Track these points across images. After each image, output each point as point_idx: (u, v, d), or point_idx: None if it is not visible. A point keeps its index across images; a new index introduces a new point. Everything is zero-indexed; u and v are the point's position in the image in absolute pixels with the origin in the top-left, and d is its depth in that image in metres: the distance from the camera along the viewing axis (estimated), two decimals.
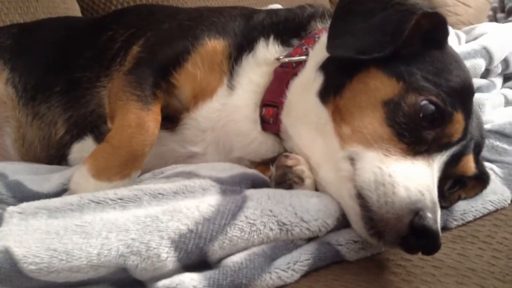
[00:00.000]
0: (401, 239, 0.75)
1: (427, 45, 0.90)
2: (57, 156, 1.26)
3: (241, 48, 1.07)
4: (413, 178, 0.78)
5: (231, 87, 1.05)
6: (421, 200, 0.75)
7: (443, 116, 0.84)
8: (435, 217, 0.75)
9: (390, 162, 0.81)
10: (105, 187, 0.93)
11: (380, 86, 0.87)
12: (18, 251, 0.67)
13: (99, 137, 1.18)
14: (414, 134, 0.83)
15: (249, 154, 1.05)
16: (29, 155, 1.30)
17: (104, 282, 0.70)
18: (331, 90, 0.92)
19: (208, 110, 1.06)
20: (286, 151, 1.02)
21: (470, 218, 0.95)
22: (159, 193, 0.79)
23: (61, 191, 1.05)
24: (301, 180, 0.88)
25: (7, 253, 0.67)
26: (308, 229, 0.79)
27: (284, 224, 0.78)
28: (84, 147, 1.20)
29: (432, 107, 0.83)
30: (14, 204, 1.00)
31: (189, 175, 0.93)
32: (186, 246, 0.72)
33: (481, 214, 0.96)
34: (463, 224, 0.94)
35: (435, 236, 0.73)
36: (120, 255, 0.69)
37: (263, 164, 1.06)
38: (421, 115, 0.83)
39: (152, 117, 0.97)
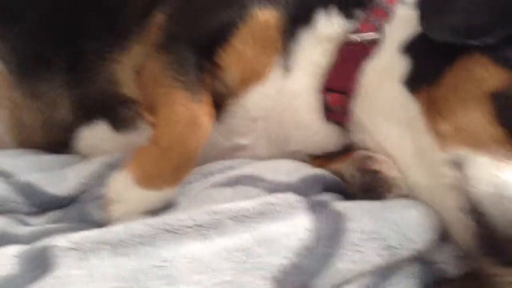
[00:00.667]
0: None
1: None
2: (60, 142, 1.07)
3: (298, 20, 0.90)
4: None
5: (287, 68, 0.89)
6: None
7: None
8: None
9: (509, 170, 0.69)
10: (153, 196, 0.78)
11: (488, 75, 0.74)
12: None
13: (118, 123, 1.01)
14: None
15: (308, 147, 0.92)
16: (27, 142, 1.11)
17: None
18: (423, 78, 0.78)
19: (259, 96, 0.90)
20: (350, 143, 0.89)
21: None
22: (243, 215, 0.65)
23: (81, 192, 0.89)
24: (395, 188, 0.76)
25: None
26: (417, 250, 0.68)
27: (393, 247, 0.66)
28: (96, 133, 1.03)
29: None
30: (30, 212, 0.85)
31: (254, 180, 0.78)
32: (291, 284, 0.59)
33: None
34: None
35: None
36: None
37: (322, 157, 0.93)
38: None
39: (205, 110, 0.80)
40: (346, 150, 0.89)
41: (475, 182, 0.70)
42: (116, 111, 1.01)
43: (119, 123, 1.01)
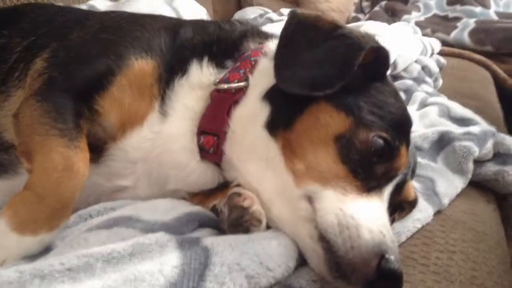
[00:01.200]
0: (367, 283, 0.76)
1: (370, 77, 0.92)
2: None
3: (172, 69, 0.98)
4: (373, 218, 0.80)
5: (163, 113, 0.96)
6: (384, 241, 0.77)
7: (392, 150, 0.86)
8: (397, 257, 0.77)
9: (349, 201, 0.81)
10: (30, 242, 0.79)
11: (331, 121, 0.86)
12: None
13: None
14: (367, 170, 0.85)
15: (187, 186, 0.98)
16: None
17: None
18: (280, 123, 0.89)
19: (138, 140, 0.96)
20: (226, 180, 0.98)
21: (404, 239, 1.01)
22: (113, 257, 0.69)
23: None
24: (259, 222, 0.85)
25: None
26: (274, 277, 0.77)
27: (252, 277, 0.74)
28: None
29: (381, 142, 0.85)
30: None
31: (131, 221, 0.83)
32: None
33: (411, 233, 1.03)
34: (399, 246, 0.99)
35: (400, 277, 0.76)
36: None
37: (200, 194, 1.00)
38: (372, 150, 0.85)
39: (81, 156, 0.84)
40: (224, 186, 0.97)
41: (322, 213, 0.81)
42: None
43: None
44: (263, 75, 0.95)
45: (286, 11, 2.91)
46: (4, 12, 1.23)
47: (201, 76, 0.98)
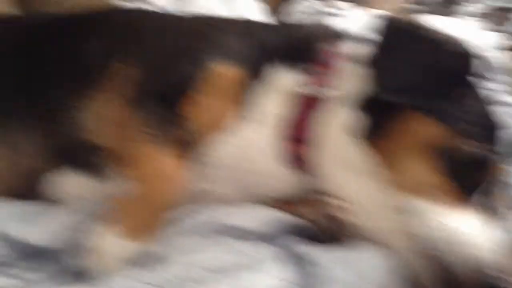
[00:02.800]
0: None
1: (462, 84, 0.89)
2: (26, 187, 1.08)
3: (253, 74, 0.97)
4: (475, 230, 0.79)
5: (245, 118, 0.97)
6: (491, 257, 0.76)
7: (486, 160, 0.85)
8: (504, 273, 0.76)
9: (448, 214, 0.80)
10: (131, 246, 0.82)
11: (427, 130, 0.85)
12: None
13: (82, 169, 1.03)
14: (465, 180, 0.83)
15: (270, 191, 0.99)
16: None
17: None
18: (373, 131, 0.88)
19: (222, 144, 0.97)
20: (311, 187, 0.97)
21: None
22: (221, 267, 0.71)
23: (59, 242, 0.91)
24: (357, 234, 0.84)
25: None
26: None
27: None
28: (65, 179, 1.05)
29: (479, 152, 0.83)
30: (23, 268, 0.86)
31: (225, 227, 0.85)
32: None
33: None
34: None
35: None
36: None
37: (284, 199, 1.00)
38: (470, 160, 0.83)
39: (177, 163, 0.86)
40: (307, 193, 0.97)
41: (420, 226, 0.80)
42: (82, 158, 1.03)
43: (84, 169, 1.03)
44: (349, 80, 0.93)
45: (337, 2, 2.87)
46: (89, 17, 1.26)
47: (283, 81, 0.97)
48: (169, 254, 0.79)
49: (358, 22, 2.13)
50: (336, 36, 1.07)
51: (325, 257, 0.77)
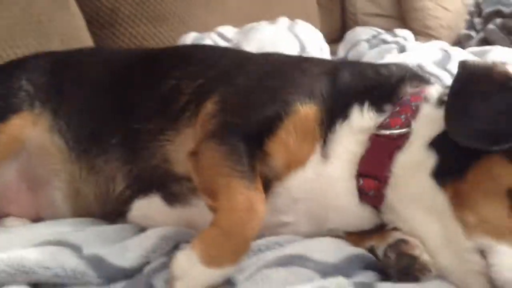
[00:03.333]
0: None
1: None
2: (113, 212, 1.18)
3: (333, 114, 1.03)
4: None
5: (325, 155, 1.02)
6: None
7: None
8: None
9: None
10: (215, 274, 0.89)
11: (505, 173, 0.87)
12: None
13: (169, 198, 1.12)
14: None
15: (344, 226, 1.03)
16: (82, 211, 1.22)
17: None
18: (449, 173, 0.91)
19: (300, 180, 1.02)
20: (383, 222, 1.01)
21: None
22: None
23: (143, 264, 1.00)
24: (430, 272, 0.88)
25: None
26: None
27: None
28: (149, 205, 1.14)
29: None
30: (100, 285, 0.95)
31: (303, 260, 0.90)
32: None
33: None
34: None
35: None
36: None
37: (356, 233, 1.05)
38: None
39: (260, 197, 0.93)
40: (379, 227, 1.01)
41: (498, 269, 0.82)
42: (168, 186, 1.12)
43: (171, 197, 1.12)
44: (427, 122, 0.97)
45: (400, 31, 2.88)
46: (175, 53, 1.36)
47: (362, 121, 1.02)
48: (247, 282, 0.85)
49: (426, 54, 2.16)
50: (418, 77, 1.12)
51: None
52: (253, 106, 1.04)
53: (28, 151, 1.23)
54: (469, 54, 2.30)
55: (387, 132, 1.00)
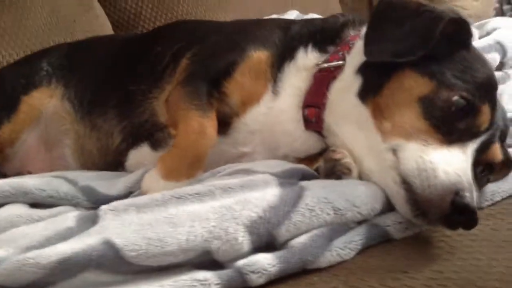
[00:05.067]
0: (444, 217, 0.87)
1: (454, 46, 1.01)
2: (114, 163, 1.38)
3: (283, 57, 1.19)
4: (451, 163, 0.90)
5: (275, 92, 1.18)
6: (460, 181, 0.87)
7: (473, 109, 0.95)
8: (472, 196, 0.86)
9: (429, 151, 0.92)
10: (173, 187, 1.05)
11: (415, 84, 0.98)
12: (119, 241, 0.80)
13: (155, 144, 1.30)
14: (448, 125, 0.95)
15: (294, 151, 1.18)
16: (88, 164, 1.43)
17: (190, 264, 0.82)
18: (370, 91, 1.04)
19: (256, 114, 1.18)
20: (327, 146, 1.14)
21: (498, 198, 1.05)
22: (229, 187, 0.91)
23: (128, 194, 1.17)
24: (349, 170, 1.00)
25: (109, 243, 0.80)
26: (360, 213, 0.91)
27: (338, 209, 0.89)
28: (140, 154, 1.33)
29: (462, 101, 0.95)
30: (89, 207, 1.15)
31: (247, 172, 1.04)
32: (258, 231, 0.84)
33: (507, 195, 1.07)
34: (493, 204, 1.05)
35: (474, 212, 0.84)
36: (205, 240, 0.81)
37: (306, 159, 1.18)
38: (453, 109, 0.95)
39: (211, 123, 1.09)
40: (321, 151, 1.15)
41: (404, 161, 0.93)
42: (154, 135, 1.31)
43: (156, 143, 1.31)
44: (357, 53, 1.10)
45: None
46: (163, 28, 1.58)
47: (306, 60, 1.18)
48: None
49: None
50: (364, 23, 1.25)
51: (313, 183, 0.93)
52: (215, 55, 1.22)
53: (45, 118, 1.47)
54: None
55: (325, 65, 1.14)
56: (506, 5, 4.06)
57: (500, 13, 4.02)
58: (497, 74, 1.82)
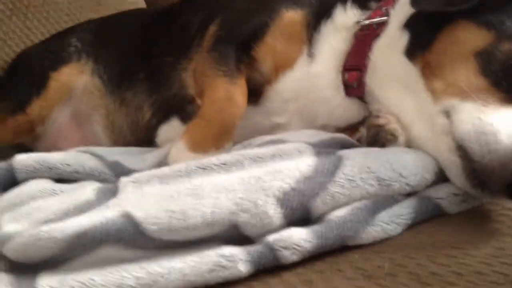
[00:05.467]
0: (507, 187, 0.75)
1: None
2: (145, 139, 1.32)
3: (319, 15, 1.08)
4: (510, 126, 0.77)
5: (311, 55, 1.07)
6: None
7: None
8: None
9: (489, 111, 0.80)
10: (201, 159, 0.97)
11: (471, 37, 0.86)
12: (139, 215, 0.73)
13: (185, 118, 1.23)
14: (511, 81, 0.82)
15: (334, 120, 1.07)
16: (119, 140, 1.38)
17: (218, 240, 0.74)
18: (419, 47, 0.92)
19: (290, 81, 1.08)
20: (371, 114, 1.03)
21: None
22: (258, 157, 0.82)
23: (157, 167, 1.11)
24: (395, 137, 0.89)
25: (129, 217, 0.73)
26: (408, 184, 0.80)
27: (383, 179, 0.79)
28: (171, 128, 1.26)
29: None
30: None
31: (281, 142, 0.95)
32: (291, 203, 0.75)
33: None
34: None
35: None
36: (232, 213, 0.73)
37: (348, 129, 1.07)
38: None
39: (239, 91, 1.01)
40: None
41: (459, 124, 0.81)
42: (184, 108, 1.24)
43: (186, 117, 1.24)
44: (401, 7, 0.98)
45: None
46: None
47: (345, 18, 1.06)
48: None
49: None
50: None
51: (354, 152, 0.83)
52: (244, 19, 1.13)
53: (76, 95, 1.43)
54: None
55: (367, 22, 1.02)
56: None
57: None
58: None
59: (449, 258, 0.68)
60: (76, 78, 1.42)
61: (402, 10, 0.98)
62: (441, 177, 0.85)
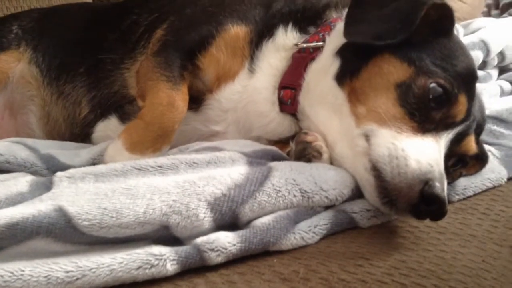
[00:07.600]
0: (412, 206, 0.84)
1: (436, 33, 0.99)
2: (80, 134, 1.33)
3: (262, 34, 1.14)
4: (423, 152, 0.87)
5: (251, 70, 1.13)
6: (431, 171, 0.84)
7: (449, 97, 0.93)
8: (443, 187, 0.84)
9: (402, 138, 0.90)
10: (137, 158, 1.01)
11: (393, 70, 0.95)
12: (72, 209, 0.75)
13: (123, 117, 1.26)
14: (423, 113, 0.92)
15: (267, 133, 1.14)
16: (53, 133, 1.37)
17: (148, 239, 0.78)
18: (348, 74, 1.00)
19: (230, 92, 1.14)
20: (301, 130, 1.11)
21: (470, 193, 1.04)
22: (194, 162, 0.87)
23: (91, 166, 1.12)
24: (320, 154, 0.97)
25: (61, 211, 0.75)
26: (327, 197, 0.88)
27: (306, 191, 0.86)
28: (108, 126, 1.28)
29: (439, 89, 0.92)
30: (48, 176, 1.09)
31: (215, 149, 1.01)
32: (221, 208, 0.81)
33: (480, 190, 1.06)
34: (464, 199, 1.03)
35: (442, 203, 0.82)
36: (164, 214, 0.77)
37: (280, 142, 1.14)
38: (430, 97, 0.92)
39: (181, 97, 1.05)
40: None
41: (375, 147, 0.90)
42: (124, 108, 1.26)
43: (124, 116, 1.26)
44: (338, 35, 1.06)
45: None
46: None
47: (285, 39, 1.13)
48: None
49: None
50: (346, 4, 1.21)
51: (282, 164, 0.90)
52: (191, 26, 1.17)
53: (11, 83, 1.40)
54: None
55: (304, 45, 1.10)
56: (494, 10, 4.06)
57: (488, 17, 4.03)
58: (480, 73, 1.82)
59: (357, 267, 0.77)
60: (13, 65, 1.40)
61: (336, 38, 1.06)
62: (357, 193, 0.94)
